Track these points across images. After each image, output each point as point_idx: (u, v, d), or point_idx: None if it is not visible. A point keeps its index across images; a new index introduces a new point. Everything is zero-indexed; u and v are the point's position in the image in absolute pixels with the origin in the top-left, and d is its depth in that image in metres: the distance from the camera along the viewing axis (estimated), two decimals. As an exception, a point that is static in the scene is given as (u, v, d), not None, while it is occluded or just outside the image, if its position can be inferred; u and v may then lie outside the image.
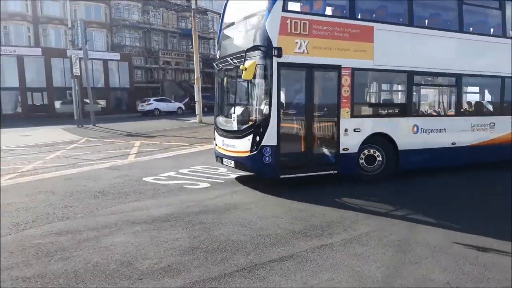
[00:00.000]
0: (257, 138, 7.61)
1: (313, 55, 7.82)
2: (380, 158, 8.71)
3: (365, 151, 8.59)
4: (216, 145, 9.13)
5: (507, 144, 10.10)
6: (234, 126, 8.44)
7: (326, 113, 8.38)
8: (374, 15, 9.44)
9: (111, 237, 5.23)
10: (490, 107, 10.74)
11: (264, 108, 7.64)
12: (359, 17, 8.82)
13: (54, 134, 19.69)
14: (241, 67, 7.64)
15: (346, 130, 8.20)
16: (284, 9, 7.58)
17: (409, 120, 9.00)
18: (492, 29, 10.44)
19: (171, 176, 9.10)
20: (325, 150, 8.37)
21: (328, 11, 8.98)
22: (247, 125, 8.02)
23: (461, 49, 9.50)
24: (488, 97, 11.23)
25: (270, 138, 7.52)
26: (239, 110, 8.54)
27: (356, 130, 8.32)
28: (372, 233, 5.41)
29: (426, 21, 10.03)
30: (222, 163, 8.82)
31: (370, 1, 9.32)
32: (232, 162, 8.35)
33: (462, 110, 9.90)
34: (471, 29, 9.95)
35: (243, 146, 7.93)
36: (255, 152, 7.65)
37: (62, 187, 8.18)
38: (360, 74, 8.49)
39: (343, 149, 8.21)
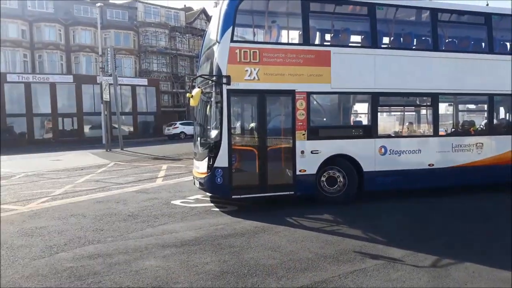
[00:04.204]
0: (211, 161, 7.97)
1: (265, 81, 8.07)
2: (341, 179, 8.56)
3: (328, 172, 8.52)
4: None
5: (503, 165, 9.42)
6: (198, 149, 8.95)
7: (280, 136, 8.51)
8: (331, 39, 9.62)
9: (142, 261, 5.23)
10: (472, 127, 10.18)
11: (217, 132, 7.97)
12: (315, 42, 9.11)
13: (84, 158, 20.16)
14: (187, 94, 8.42)
15: (302, 152, 8.24)
16: (233, 40, 7.94)
17: (375, 142, 8.79)
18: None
19: (199, 199, 9.12)
20: (281, 172, 8.40)
21: (285, 37, 9.32)
22: (204, 148, 8.49)
23: (433, 68, 9.12)
24: (468, 116, 10.84)
25: (221, 160, 7.85)
26: (201, 134, 9.08)
27: (314, 152, 8.31)
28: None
29: (391, 40, 9.76)
30: (194, 184, 9.02)
31: (327, 26, 9.51)
32: (198, 183, 8.64)
33: (440, 130, 9.44)
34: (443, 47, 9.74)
35: (203, 167, 8.29)
36: (209, 173, 7.98)
37: (93, 210, 8.29)
38: (317, 97, 8.64)
39: (300, 171, 8.23)
